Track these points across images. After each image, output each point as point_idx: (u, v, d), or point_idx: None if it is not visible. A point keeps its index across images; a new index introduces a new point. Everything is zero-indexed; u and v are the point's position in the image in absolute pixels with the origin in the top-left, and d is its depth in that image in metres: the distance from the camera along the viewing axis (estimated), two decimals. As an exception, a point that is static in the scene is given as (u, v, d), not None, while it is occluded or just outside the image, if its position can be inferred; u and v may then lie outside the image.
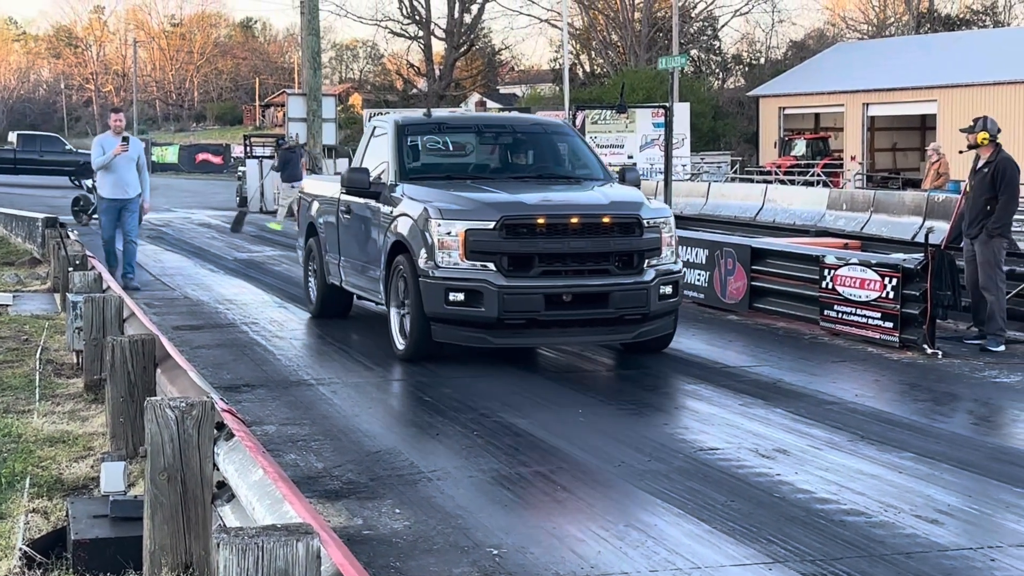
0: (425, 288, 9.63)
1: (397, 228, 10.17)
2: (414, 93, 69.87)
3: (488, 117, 13.56)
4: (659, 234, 9.91)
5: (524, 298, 9.43)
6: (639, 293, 9.65)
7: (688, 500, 6.36)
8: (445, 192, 10.14)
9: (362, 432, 7.92)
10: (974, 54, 42.39)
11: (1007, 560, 5.46)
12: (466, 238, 9.51)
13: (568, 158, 11.57)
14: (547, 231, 9.53)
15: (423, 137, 11.46)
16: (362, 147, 12.03)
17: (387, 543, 5.69)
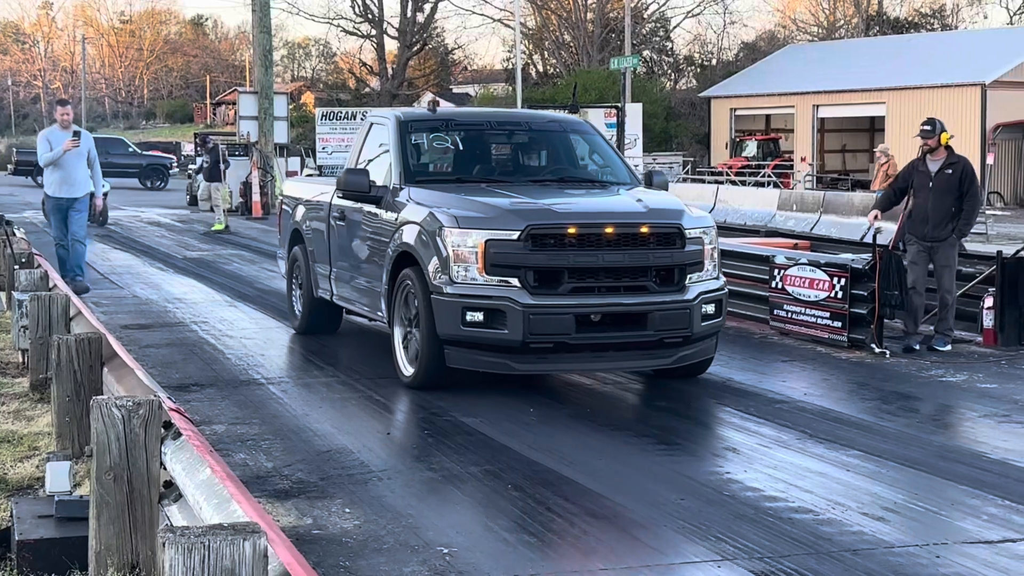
0: (438, 306, 8.49)
1: (403, 237, 9.03)
2: (367, 92, 69.61)
3: (501, 113, 11.90)
4: (701, 246, 8.79)
5: (553, 319, 8.28)
6: (681, 313, 8.53)
7: (639, 497, 6.37)
8: (459, 197, 9.00)
9: (312, 431, 7.88)
10: (922, 57, 42.86)
11: (952, 557, 5.51)
12: (486, 249, 8.35)
13: (590, 159, 10.55)
14: (579, 242, 8.40)
15: (428, 135, 10.27)
16: (356, 146, 10.82)
17: (337, 542, 5.66)
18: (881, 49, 47.52)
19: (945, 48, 44.22)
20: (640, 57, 52.85)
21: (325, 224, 10.87)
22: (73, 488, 5.62)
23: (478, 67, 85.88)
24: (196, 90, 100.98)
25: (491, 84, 76.98)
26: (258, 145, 33.18)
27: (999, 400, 8.94)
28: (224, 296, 14.79)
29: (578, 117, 10.95)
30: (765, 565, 5.38)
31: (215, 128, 78.93)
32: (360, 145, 10.72)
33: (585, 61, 60.17)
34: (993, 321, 11.25)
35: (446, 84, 78.82)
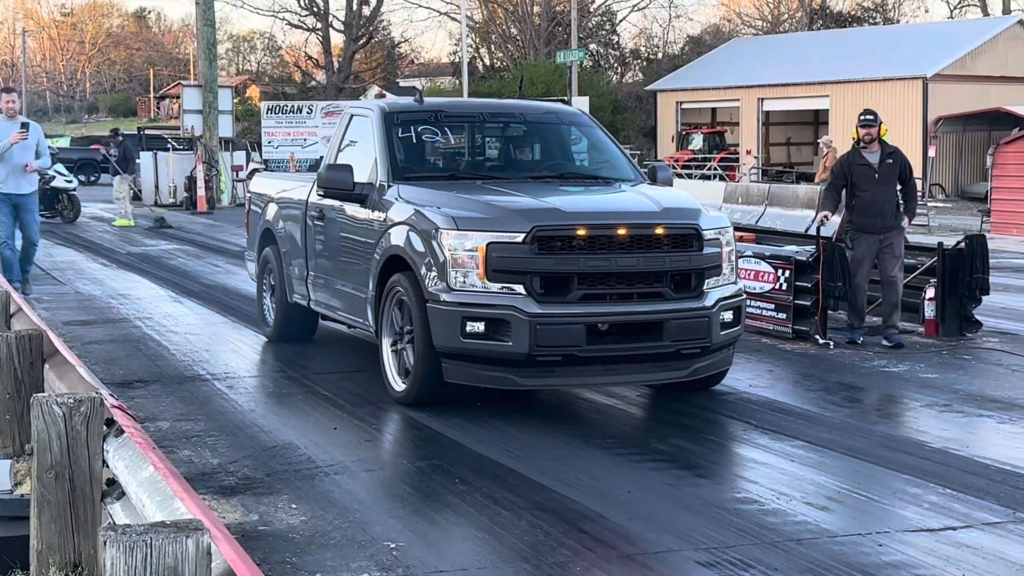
0: (435, 316, 7.77)
1: (392, 239, 8.32)
2: (313, 85, 69.23)
3: (493, 104, 11.09)
4: (719, 248, 8.14)
5: (561, 329, 7.58)
6: (699, 322, 7.88)
7: (586, 490, 6.39)
8: (454, 195, 8.32)
9: (259, 427, 7.84)
10: (865, 50, 43.26)
11: (895, 545, 5.58)
12: (488, 253, 7.64)
13: (591, 154, 9.87)
14: (589, 245, 7.71)
15: (416, 128, 9.36)
16: (335, 141, 9.97)
17: (283, 538, 5.63)
18: (824, 43, 47.94)
19: (887, 42, 44.67)
20: (586, 51, 52.93)
21: (301, 224, 10.13)
22: (14, 487, 5.56)
23: (425, 61, 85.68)
24: (139, 84, 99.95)
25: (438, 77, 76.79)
26: (203, 139, 32.90)
27: (940, 390, 9.05)
28: (169, 292, 14.65)
29: (574, 108, 10.25)
30: (710, 556, 5.41)
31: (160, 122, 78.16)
32: (339, 139, 9.89)
33: (532, 55, 60.19)
34: (934, 312, 11.39)
35: (393, 78, 78.50)
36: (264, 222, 11.04)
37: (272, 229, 10.81)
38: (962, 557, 5.42)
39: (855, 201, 11.09)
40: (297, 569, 5.24)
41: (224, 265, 17.80)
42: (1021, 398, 8.76)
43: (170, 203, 32.87)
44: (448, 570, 5.23)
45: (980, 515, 6.02)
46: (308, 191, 9.98)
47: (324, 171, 9.10)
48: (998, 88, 39.61)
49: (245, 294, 14.45)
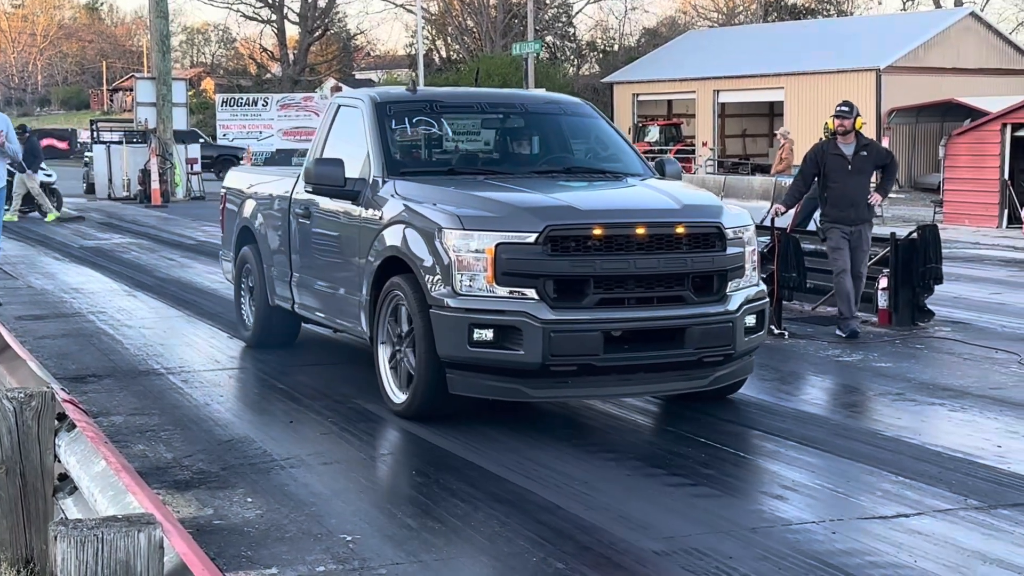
0: (439, 323, 7.22)
1: (389, 240, 7.77)
2: (268, 78, 68.86)
3: (491, 94, 10.42)
4: (742, 248, 7.65)
5: (577, 337, 7.05)
6: (723, 327, 7.38)
7: (547, 482, 6.40)
8: (458, 192, 7.74)
9: (214, 421, 7.79)
10: (819, 42, 43.53)
11: (848, 532, 5.63)
12: (497, 255, 7.09)
13: (597, 146, 9.34)
14: (606, 245, 7.17)
15: (411, 119, 8.79)
16: (320, 133, 9.36)
17: (238, 532, 5.61)
18: (779, 35, 48.22)
19: (841, 34, 44.95)
20: (542, 43, 52.96)
21: (284, 222, 9.53)
22: (-35, 483, 5.49)
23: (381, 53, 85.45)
24: (92, 76, 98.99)
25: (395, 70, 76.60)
26: (157, 132, 32.63)
27: (893, 379, 9.14)
28: (122, 285, 14.53)
29: (576, 98, 9.79)
30: (667, 544, 5.43)
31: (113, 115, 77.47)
32: (326, 132, 9.28)
33: (488, 47, 60.15)
34: (887, 302, 11.49)
35: (348, 70, 78.22)
36: (241, 219, 10.43)
37: (251, 227, 10.21)
38: (914, 544, 5.48)
39: (827, 193, 11.13)
40: (252, 563, 5.22)
41: (179, 258, 17.68)
42: (972, 386, 8.86)
43: (124, 196, 32.59)
44: (404, 562, 5.23)
45: (932, 502, 6.09)
46: (292, 186, 9.44)
47: (312, 165, 8.53)
48: (950, 80, 39.99)
49: (200, 287, 14.38)
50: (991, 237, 22.77)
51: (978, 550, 5.39)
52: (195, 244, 20.22)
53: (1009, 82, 40.85)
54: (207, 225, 24.04)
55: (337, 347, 10.14)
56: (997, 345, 10.46)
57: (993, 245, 21.27)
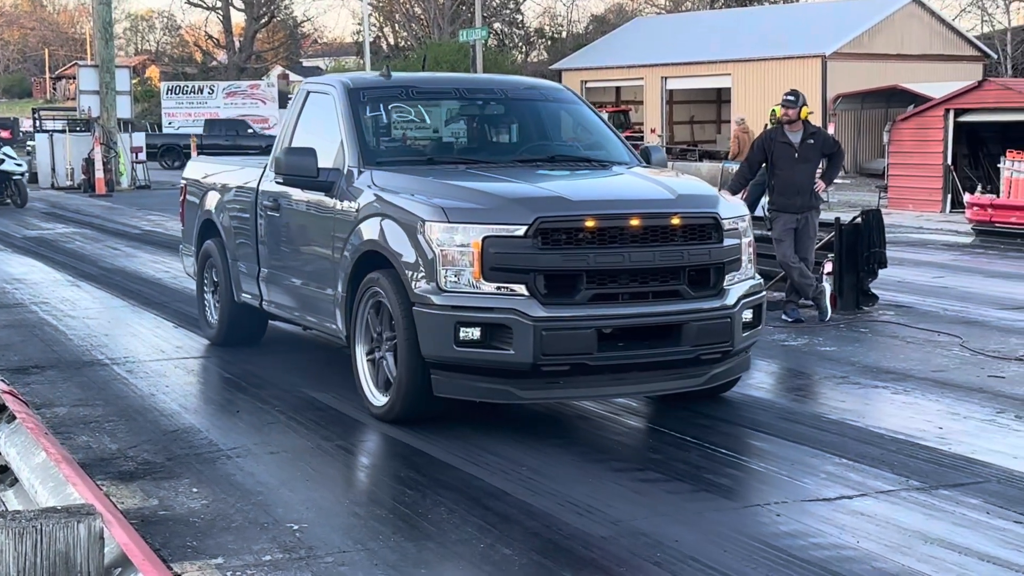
0: (423, 321, 6.85)
1: (367, 233, 7.40)
2: (214, 65, 68.30)
3: (469, 79, 9.89)
4: (739, 239, 7.35)
5: (570, 335, 6.70)
6: (721, 323, 7.07)
7: (493, 469, 6.41)
8: (438, 182, 7.39)
9: (159, 411, 7.73)
10: (766, 29, 43.80)
11: (792, 514, 5.68)
12: (484, 249, 6.74)
13: (579, 133, 9.01)
14: (599, 238, 6.84)
15: (386, 106, 8.41)
16: (289, 121, 8.94)
17: (184, 523, 5.57)
18: (726, 22, 48.45)
19: (787, 20, 45.27)
20: (490, 29, 52.89)
21: (251, 215, 9.08)
22: (-97, 477, 5.42)
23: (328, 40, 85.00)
24: (35, 64, 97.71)
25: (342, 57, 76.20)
26: (100, 120, 32.27)
27: (837, 362, 9.23)
28: (66, 276, 14.38)
29: (557, 84, 9.39)
30: (614, 529, 5.46)
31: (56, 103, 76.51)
32: (295, 120, 8.85)
33: (436, 34, 59.97)
34: (832, 286, 11.60)
35: (296, 57, 77.75)
36: (204, 212, 9.98)
37: (214, 220, 9.76)
38: (857, 525, 5.54)
39: (774, 180, 11.21)
40: (198, 553, 5.19)
41: (124, 248, 17.51)
42: (915, 369, 8.97)
43: (68, 186, 32.22)
44: (351, 550, 5.22)
45: (874, 484, 6.16)
46: (259, 177, 9.04)
47: (283, 155, 8.09)
48: (895, 66, 40.38)
49: (145, 277, 14.26)
50: (935, 221, 23.04)
51: (919, 530, 5.46)
52: (140, 234, 20.04)
53: (952, 68, 41.32)
54: (152, 214, 23.83)
55: (284, 337, 10.09)
56: (939, 328, 10.59)
57: (936, 229, 21.52)
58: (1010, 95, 24.48)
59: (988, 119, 25.28)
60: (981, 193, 21.43)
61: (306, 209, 8.29)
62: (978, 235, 19.90)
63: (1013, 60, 50.01)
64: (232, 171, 9.84)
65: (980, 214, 20.12)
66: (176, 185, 34.21)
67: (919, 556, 5.13)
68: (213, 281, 9.93)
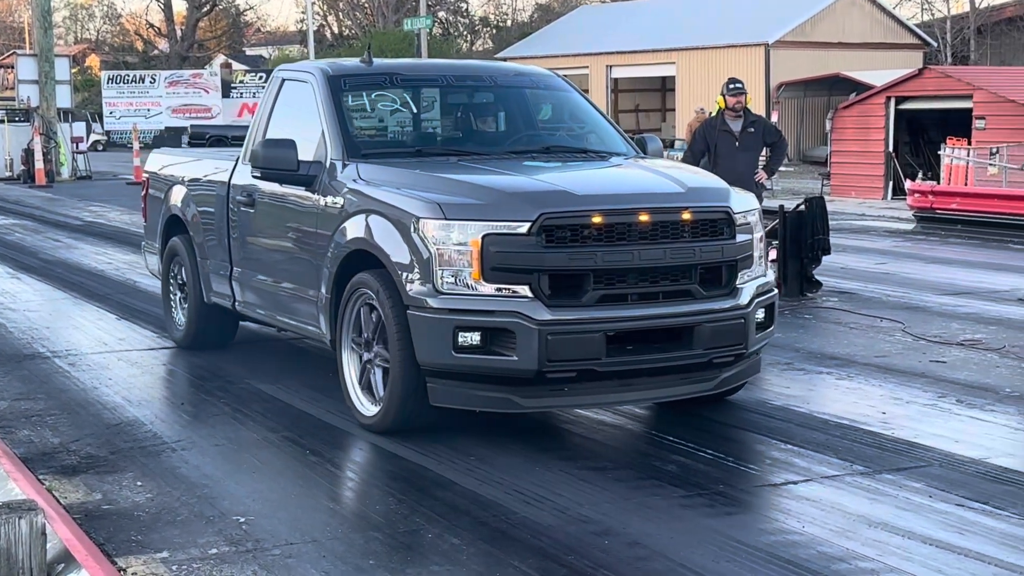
0: (419, 325, 6.39)
1: (354, 231, 6.93)
2: (155, 55, 67.60)
3: (455, 66, 9.05)
4: (751, 235, 6.94)
5: (578, 339, 6.26)
6: (735, 325, 6.66)
7: (441, 457, 6.40)
8: (431, 176, 6.91)
9: (102, 404, 7.65)
10: (709, 18, 44.01)
11: (738, 500, 5.73)
12: (484, 248, 6.28)
13: (572, 122, 8.57)
14: (606, 235, 6.38)
15: (369, 95, 8.00)
16: (263, 111, 8.43)
17: (128, 516, 5.51)
18: (671, 10, 48.58)
19: (731, 9, 45.46)
20: (435, 18, 52.75)
21: (223, 210, 8.56)
22: None
23: (272, 29, 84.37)
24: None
25: (286, 46, 75.66)
26: (40, 110, 31.84)
27: (782, 349, 9.29)
28: (6, 268, 14.18)
29: (546, 70, 8.92)
30: (564, 517, 5.47)
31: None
32: (269, 109, 8.36)
33: (380, 23, 59.71)
34: (776, 273, 11.68)
35: (239, 46, 77.10)
36: (169, 207, 9.43)
37: (181, 216, 9.22)
38: (802, 510, 5.59)
39: (716, 169, 11.24)
40: (143, 547, 5.13)
41: (65, 239, 17.30)
42: (858, 355, 9.06)
43: (7, 177, 31.79)
44: (299, 542, 5.19)
45: (819, 469, 6.22)
46: (230, 171, 8.53)
47: (260, 148, 7.58)
48: (837, 54, 40.76)
49: (87, 269, 14.10)
50: (876, 208, 23.29)
51: (864, 514, 5.51)
52: (82, 225, 19.81)
53: (893, 56, 41.76)
54: (94, 205, 23.58)
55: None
56: (882, 314, 10.71)
57: (878, 216, 21.76)
58: (950, 83, 24.79)
59: (928, 107, 25.59)
60: (922, 180, 21.69)
61: (285, 205, 7.78)
62: (919, 221, 20.15)
63: (952, 48, 50.61)
64: (201, 164, 9.33)
65: (921, 201, 20.37)
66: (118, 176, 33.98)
67: (863, 540, 5.19)
68: (180, 280, 9.38)
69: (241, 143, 8.77)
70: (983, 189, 20.73)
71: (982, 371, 8.48)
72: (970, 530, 5.30)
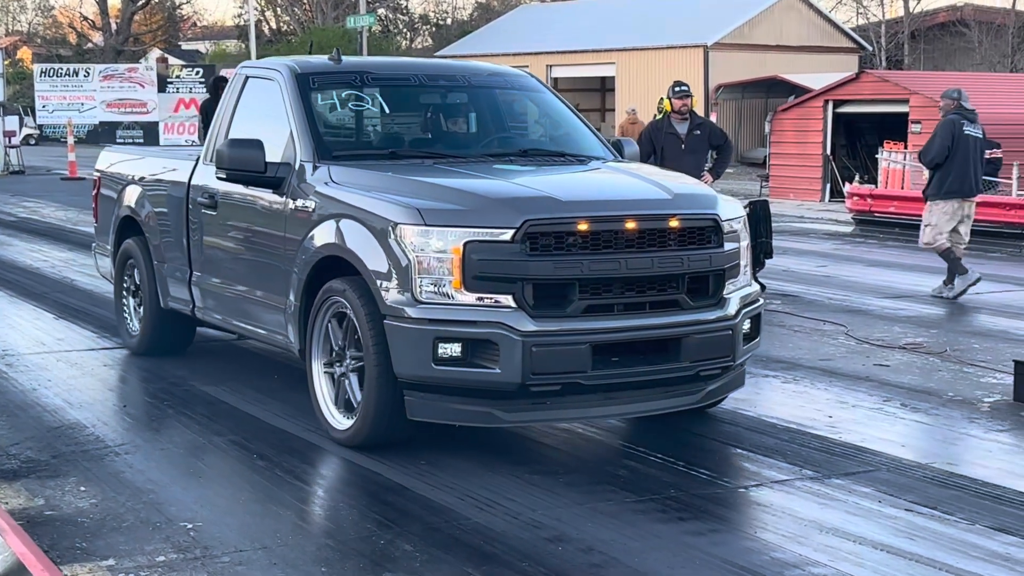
0: (397, 336, 6.14)
1: (326, 236, 6.66)
2: (89, 48, 66.68)
3: (428, 65, 8.63)
4: (738, 243, 6.76)
5: (563, 351, 6.05)
6: (722, 336, 6.49)
7: (394, 460, 6.35)
8: (408, 179, 6.67)
9: (42, 407, 7.50)
10: (649, 19, 44.21)
11: (689, 505, 5.73)
12: (465, 256, 6.05)
13: (548, 125, 8.33)
14: (592, 242, 6.18)
15: (339, 94, 7.72)
16: (225, 110, 8.12)
17: (72, 523, 5.40)
18: (611, 10, 48.74)
19: (670, 10, 45.71)
20: (376, 16, 52.51)
21: (181, 212, 8.24)
22: None
23: (209, 23, 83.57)
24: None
25: (223, 41, 74.97)
26: (-29, 103, 31.25)
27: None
28: (-61, 265, 13.88)
29: (520, 71, 8.69)
30: (513, 523, 5.44)
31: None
32: (232, 107, 8.05)
33: (320, 19, 59.33)
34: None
35: (175, 40, 76.28)
36: (123, 208, 9.07)
37: (136, 217, 8.88)
38: (754, 515, 5.61)
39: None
40: (88, 555, 5.03)
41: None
42: (803, 358, 9.12)
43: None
44: (248, 548, 5.11)
45: (769, 473, 6.24)
46: (189, 171, 8.21)
47: (226, 148, 7.20)
48: (774, 56, 41.12)
49: (22, 266, 13.85)
50: (815, 211, 23.52)
51: (815, 519, 5.54)
52: (15, 221, 19.47)
53: (829, 59, 42.23)
54: (28, 201, 23.19)
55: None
56: (825, 317, 10.80)
57: (817, 219, 21.97)
58: (887, 87, 25.08)
59: (866, 110, 25.89)
60: (859, 183, 21.94)
61: (250, 207, 7.47)
62: (858, 224, 20.37)
63: (887, 52, 51.29)
64: (157, 162, 8.95)
65: (860, 204, 20.60)
66: (51, 171, 33.47)
67: (815, 546, 5.21)
68: (134, 284, 9.03)
69: None
70: (919, 193, 20.98)
71: (925, 375, 8.58)
72: (920, 535, 5.34)
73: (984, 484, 6.07)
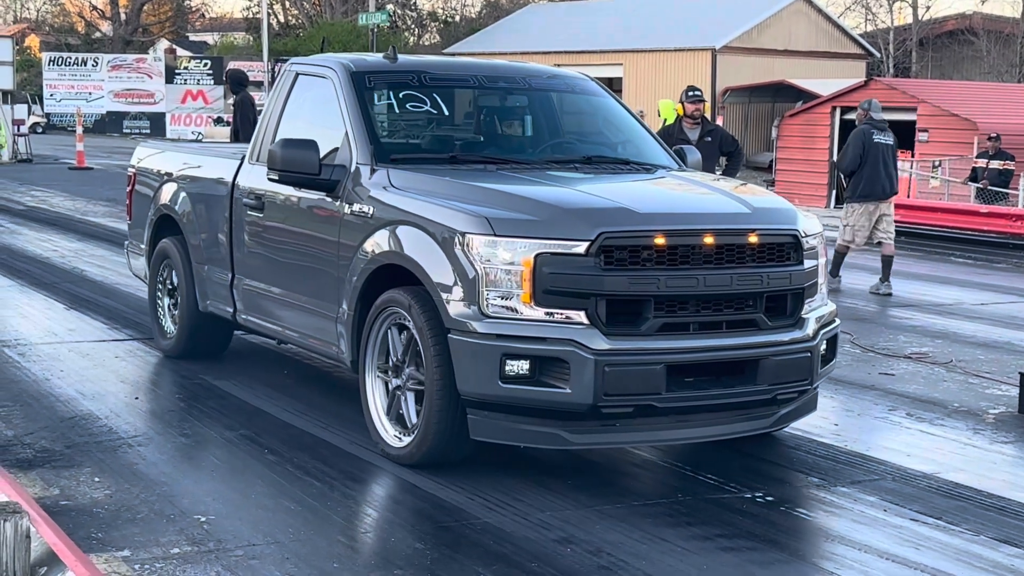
0: (462, 351, 5.84)
1: (385, 243, 6.35)
2: (98, 37, 66.76)
3: (487, 66, 8.26)
4: (817, 260, 6.48)
5: (637, 371, 5.74)
6: (801, 358, 6.19)
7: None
8: (471, 185, 6.34)
9: (55, 397, 7.56)
10: (658, 20, 44.28)
11: (696, 512, 5.79)
12: (537, 268, 5.73)
13: (609, 131, 7.96)
14: (669, 258, 5.87)
15: (396, 93, 7.31)
16: (273, 108, 7.80)
17: (87, 513, 5.47)
18: (620, 11, 48.80)
19: (679, 12, 45.78)
20: (388, 13, 52.60)
21: (224, 212, 7.94)
22: None
23: (217, 15, 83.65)
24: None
25: (231, 33, 75.05)
26: (-20, 91, 31.33)
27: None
28: (-52, 253, 13.95)
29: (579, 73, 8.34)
30: (522, 524, 5.50)
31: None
32: (281, 106, 7.73)
33: (328, 13, 59.39)
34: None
35: (183, 32, 76.39)
36: (160, 205, 8.76)
37: (174, 215, 8.56)
38: (759, 521, 5.63)
39: None
40: (104, 545, 5.10)
41: (7, 225, 17.05)
42: (809, 365, 9.16)
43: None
44: (261, 543, 5.17)
45: (776, 480, 6.29)
46: (234, 170, 7.93)
47: (279, 148, 6.85)
48: (782, 61, 41.16)
49: (32, 256, 13.91)
50: (821, 216, 23.43)
51: (821, 527, 5.61)
52: (24, 210, 19.53)
53: (837, 65, 42.27)
54: (36, 190, 23.26)
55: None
56: (830, 324, 10.84)
57: (823, 225, 21.97)
58: (895, 95, 25.14)
59: (873, 118, 25.90)
60: (866, 190, 21.95)
61: (302, 210, 7.14)
62: (863, 232, 20.38)
63: (895, 59, 51.32)
64: (197, 159, 8.68)
65: (865, 211, 20.60)
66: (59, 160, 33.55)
67: (821, 553, 5.27)
68: (170, 286, 8.75)
69: None
70: (926, 202, 21.07)
71: (930, 385, 8.63)
72: (925, 545, 5.40)
73: (989, 495, 6.13)
